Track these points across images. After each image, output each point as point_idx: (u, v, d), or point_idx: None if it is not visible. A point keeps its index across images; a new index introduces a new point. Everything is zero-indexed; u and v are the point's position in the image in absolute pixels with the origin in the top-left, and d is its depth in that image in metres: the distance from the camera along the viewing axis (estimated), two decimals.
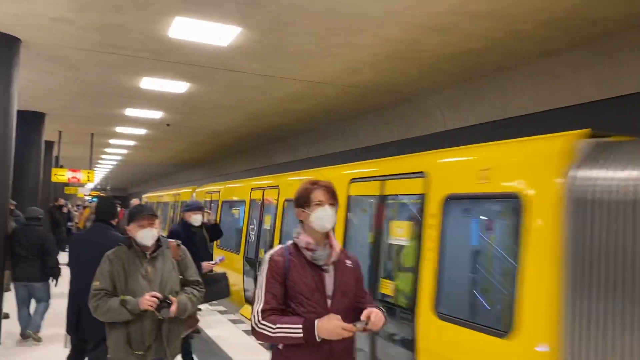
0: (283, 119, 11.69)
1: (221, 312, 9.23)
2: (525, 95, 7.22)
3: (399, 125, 10.05)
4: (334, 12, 5.40)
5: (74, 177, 15.41)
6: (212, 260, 6.25)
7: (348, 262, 2.67)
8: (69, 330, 4.48)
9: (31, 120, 11.47)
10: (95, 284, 3.41)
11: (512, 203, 3.90)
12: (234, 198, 10.86)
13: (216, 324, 8.27)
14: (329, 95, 9.07)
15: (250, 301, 8.98)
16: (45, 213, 12.56)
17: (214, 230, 6.99)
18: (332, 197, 2.63)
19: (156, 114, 11.67)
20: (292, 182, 7.96)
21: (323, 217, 2.58)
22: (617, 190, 3.18)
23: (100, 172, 33.38)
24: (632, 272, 3.05)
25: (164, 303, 3.29)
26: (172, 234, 5.86)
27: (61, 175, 15.23)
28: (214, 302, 8.48)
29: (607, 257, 3.17)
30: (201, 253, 6.02)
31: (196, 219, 6.01)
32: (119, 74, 8.21)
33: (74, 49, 6.97)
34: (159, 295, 3.31)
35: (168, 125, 13.07)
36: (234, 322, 8.57)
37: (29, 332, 6.76)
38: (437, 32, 5.86)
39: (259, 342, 2.67)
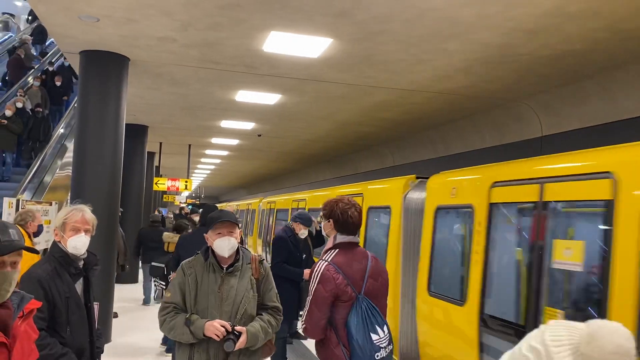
0: (370, 128, 11.72)
1: None
2: (633, 97, 6.74)
3: (491, 132, 9.73)
4: (424, 19, 5.37)
5: (173, 186, 16.37)
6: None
7: None
8: None
9: (136, 133, 12.32)
10: (167, 295, 3.09)
11: None
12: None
13: None
14: (418, 102, 8.98)
15: None
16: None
17: (318, 238, 7.11)
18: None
19: (248, 125, 12.14)
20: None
21: None
22: None
23: (195, 181, 35.16)
24: None
25: (231, 334, 2.90)
26: (277, 238, 6.14)
27: (162, 184, 16.22)
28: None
29: None
30: (306, 260, 6.27)
31: (303, 233, 6.22)
32: (216, 87, 8.65)
33: (176, 65, 7.44)
34: (227, 325, 2.91)
35: (259, 135, 13.54)
36: None
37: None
38: (535, 35, 5.64)
39: None
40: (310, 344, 7.55)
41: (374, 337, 2.86)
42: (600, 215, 3.72)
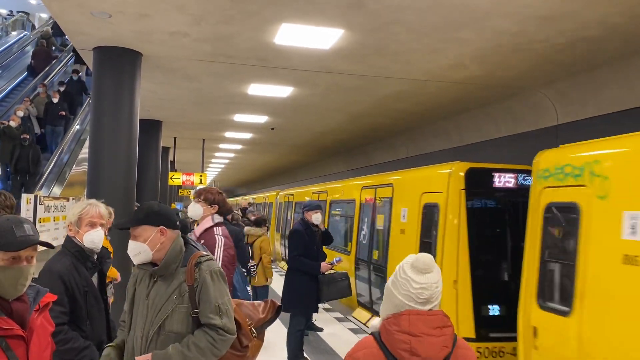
0: (383, 119, 11.66)
1: (327, 310, 9.40)
2: None
3: (505, 121, 9.62)
4: (438, 7, 5.30)
5: (188, 180, 16.48)
6: (325, 260, 6.39)
7: None
8: None
9: (150, 128, 12.39)
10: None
11: None
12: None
13: (325, 322, 8.44)
14: (432, 92, 8.91)
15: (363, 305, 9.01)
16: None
17: (325, 236, 7.06)
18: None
19: (261, 119, 12.15)
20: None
21: None
22: None
23: (210, 175, 35.34)
24: None
25: None
26: (292, 231, 6.15)
27: (177, 178, 16.34)
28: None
29: None
30: (320, 253, 6.28)
31: (316, 217, 6.24)
32: (228, 81, 8.65)
33: (189, 60, 7.46)
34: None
35: (272, 129, 13.54)
36: (340, 320, 8.70)
37: None
38: (550, 22, 5.55)
39: None
40: (326, 336, 7.58)
41: (248, 288, 4.50)
42: None
